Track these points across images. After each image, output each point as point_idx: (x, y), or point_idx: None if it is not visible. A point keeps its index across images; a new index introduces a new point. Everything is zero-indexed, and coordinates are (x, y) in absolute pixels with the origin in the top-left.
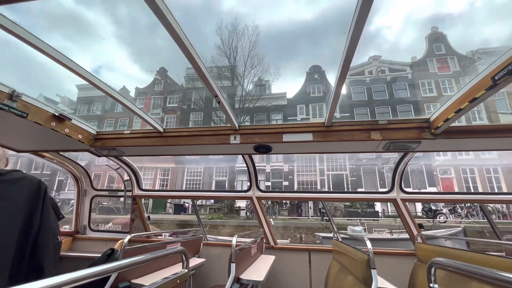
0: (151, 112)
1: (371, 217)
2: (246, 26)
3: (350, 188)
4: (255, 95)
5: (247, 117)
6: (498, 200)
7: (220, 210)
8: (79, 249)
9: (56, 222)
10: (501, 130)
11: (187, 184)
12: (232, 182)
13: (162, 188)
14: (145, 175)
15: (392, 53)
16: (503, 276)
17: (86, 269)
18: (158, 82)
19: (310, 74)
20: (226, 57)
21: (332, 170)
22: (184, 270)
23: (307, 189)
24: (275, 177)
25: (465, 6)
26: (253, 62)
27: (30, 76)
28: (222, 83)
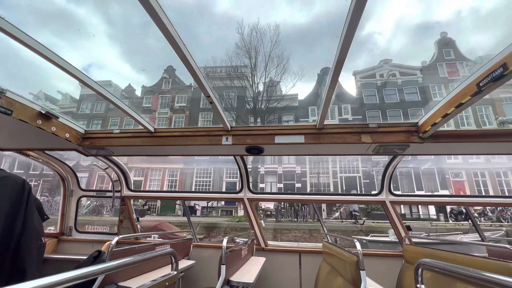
0: (158, 111)
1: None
2: (268, 25)
3: (364, 190)
4: (271, 96)
5: (258, 117)
6: (485, 202)
7: (232, 212)
8: (64, 251)
9: (40, 223)
10: (486, 135)
11: (196, 185)
12: None
13: (171, 189)
14: (152, 176)
15: (383, 57)
16: (486, 276)
17: (71, 271)
18: (166, 81)
19: (321, 76)
20: (247, 57)
21: (344, 172)
22: (173, 272)
23: (320, 191)
24: (288, 179)
25: (453, 15)
26: (273, 62)
27: (15, 72)
28: (233, 83)
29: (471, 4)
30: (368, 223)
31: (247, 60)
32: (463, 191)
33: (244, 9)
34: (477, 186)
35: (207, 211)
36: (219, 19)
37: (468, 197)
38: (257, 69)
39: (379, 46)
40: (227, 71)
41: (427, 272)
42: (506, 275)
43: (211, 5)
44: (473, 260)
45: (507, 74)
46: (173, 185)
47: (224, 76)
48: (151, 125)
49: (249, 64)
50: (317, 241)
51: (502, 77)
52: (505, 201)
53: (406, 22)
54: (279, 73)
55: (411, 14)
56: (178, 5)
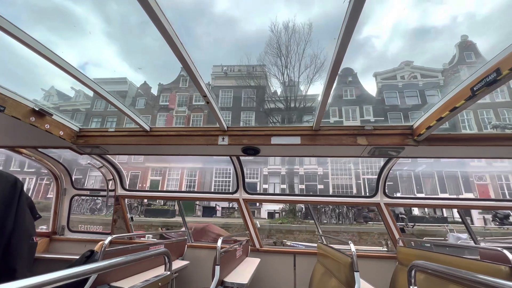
0: (176, 110)
1: (439, 223)
2: (303, 25)
3: (388, 193)
4: (297, 96)
5: (279, 117)
6: (481, 205)
7: (255, 213)
8: (56, 250)
9: (32, 222)
10: (479, 139)
11: (216, 186)
12: (263, 184)
13: (189, 189)
14: (170, 175)
15: (380, 61)
16: (478, 278)
17: (62, 271)
18: (184, 79)
19: (343, 77)
20: (278, 56)
21: (367, 174)
22: (167, 272)
23: (342, 193)
24: (309, 180)
25: (448, 20)
26: (306, 61)
27: (8, 68)
28: (248, 83)
29: (467, 10)
30: (417, 226)
31: (277, 59)
32: (487, 194)
33: (243, 10)
34: (501, 189)
35: (229, 212)
36: (217, 20)
37: (463, 200)
38: (290, 67)
39: (376, 49)
40: (247, 70)
41: (421, 274)
42: (497, 277)
43: (209, 6)
44: (465, 262)
45: (500, 79)
46: (192, 185)
47: (244, 75)
48: (147, 124)
49: (280, 63)
50: (369, 245)
51: (496, 82)
52: (500, 204)
53: (403, 26)
54: (312, 72)
55: (408, 19)
56: (177, 4)
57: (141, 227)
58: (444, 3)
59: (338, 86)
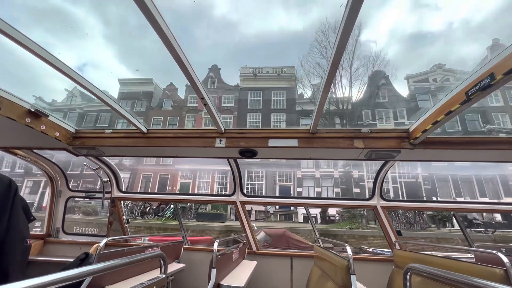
0: (204, 111)
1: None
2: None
3: (425, 197)
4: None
5: (309, 119)
6: (477, 209)
7: (292, 217)
8: (50, 253)
9: (25, 224)
10: (474, 143)
11: (248, 189)
12: (297, 188)
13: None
14: (201, 178)
15: (378, 64)
16: (473, 281)
17: (56, 273)
18: (212, 80)
19: (373, 78)
20: (324, 57)
21: (404, 177)
22: (162, 275)
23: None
24: (344, 184)
25: (445, 26)
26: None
27: (4, 68)
28: (279, 84)
29: (462, 16)
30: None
31: (322, 60)
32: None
33: (242, 14)
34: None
35: (265, 216)
36: (216, 23)
37: (458, 203)
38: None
39: (374, 54)
40: (276, 71)
41: (417, 277)
42: (492, 279)
43: (209, 9)
44: (461, 265)
45: (494, 84)
46: (224, 188)
47: (274, 76)
48: (144, 125)
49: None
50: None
51: (490, 86)
52: (495, 207)
53: (399, 31)
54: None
55: (404, 24)
56: (176, 8)
57: (203, 232)
58: (440, 9)
59: (371, 88)
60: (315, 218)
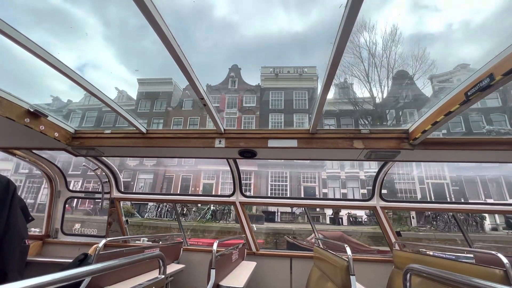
0: (226, 112)
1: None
2: (395, 27)
3: (454, 198)
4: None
5: (333, 120)
6: (474, 209)
7: (320, 219)
8: (49, 254)
9: (24, 225)
10: (474, 143)
11: (272, 190)
12: (322, 189)
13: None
14: (224, 179)
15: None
16: (472, 282)
17: (54, 274)
18: (233, 80)
19: (398, 79)
20: (360, 59)
21: (431, 178)
22: (161, 276)
23: (407, 198)
24: (371, 185)
25: (444, 27)
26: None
27: (3, 68)
28: (301, 84)
29: (462, 18)
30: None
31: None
32: None
33: (242, 15)
34: None
35: (292, 217)
36: (217, 24)
37: (458, 203)
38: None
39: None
40: (297, 71)
41: (417, 277)
42: (492, 280)
43: (209, 10)
44: (461, 266)
45: (493, 84)
46: (248, 189)
47: (296, 76)
48: (143, 126)
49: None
50: None
51: (489, 87)
52: (496, 208)
53: (398, 32)
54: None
55: (403, 25)
56: (176, 9)
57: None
58: (439, 11)
59: (394, 88)
60: (341, 219)
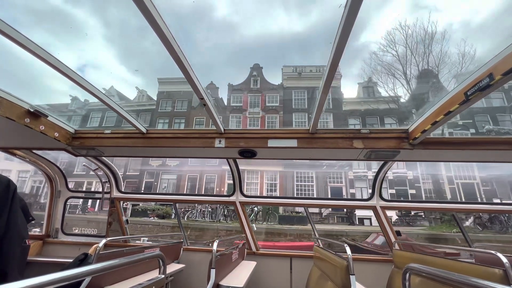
0: (249, 111)
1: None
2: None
3: (485, 198)
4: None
5: (358, 120)
6: (477, 209)
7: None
8: (49, 254)
9: (24, 225)
10: (474, 143)
11: (298, 190)
12: (349, 189)
13: (269, 194)
14: (249, 179)
15: (377, 66)
16: (471, 281)
17: (54, 274)
18: (255, 80)
19: (424, 78)
20: (392, 55)
21: (460, 178)
22: (161, 275)
23: (435, 198)
24: (399, 185)
25: (444, 27)
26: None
27: (3, 68)
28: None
29: (462, 18)
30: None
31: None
32: None
33: (242, 16)
34: None
35: (320, 218)
36: (217, 25)
37: (458, 203)
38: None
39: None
40: (317, 70)
41: (416, 277)
42: (491, 280)
43: (209, 11)
44: (461, 265)
45: (493, 84)
46: (273, 189)
47: (319, 75)
48: (143, 125)
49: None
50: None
51: (489, 87)
52: (495, 207)
53: (399, 32)
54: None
55: (404, 25)
56: (176, 9)
57: (280, 236)
58: (439, 11)
59: (420, 86)
60: (370, 220)
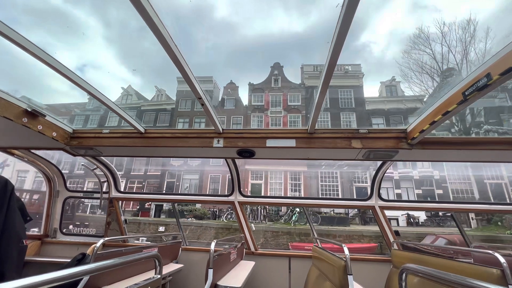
0: (270, 110)
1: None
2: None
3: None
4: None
5: (382, 119)
6: (477, 209)
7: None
8: (47, 254)
9: (22, 225)
10: (472, 143)
11: (322, 190)
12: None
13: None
14: (272, 179)
15: (377, 66)
16: (468, 282)
17: (50, 273)
18: (275, 79)
19: (445, 77)
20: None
21: (488, 178)
22: (157, 276)
23: (464, 199)
24: (425, 185)
25: (444, 28)
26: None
27: (2, 68)
28: (346, 82)
29: (461, 18)
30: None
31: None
32: None
33: (242, 16)
34: None
35: (350, 218)
36: (216, 25)
37: (458, 203)
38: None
39: (374, 55)
40: (339, 68)
41: (414, 277)
42: (489, 280)
43: (209, 12)
44: (459, 265)
45: (491, 84)
46: (297, 189)
47: (341, 74)
48: (141, 125)
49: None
50: None
51: (486, 87)
52: (495, 207)
53: (399, 32)
54: None
55: (404, 25)
56: (175, 10)
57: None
58: (439, 11)
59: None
60: (397, 220)
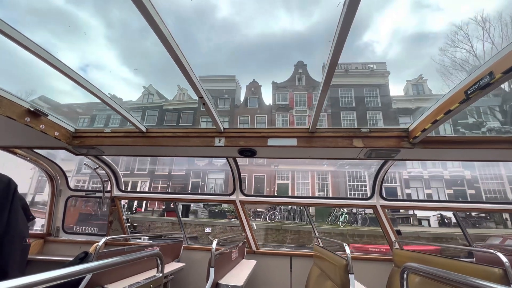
0: (295, 109)
1: None
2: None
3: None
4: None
5: (409, 118)
6: (477, 208)
7: (410, 220)
8: (50, 252)
9: (25, 224)
10: (474, 142)
11: (350, 190)
12: (404, 189)
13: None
14: (299, 179)
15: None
16: (469, 281)
17: (53, 271)
18: (299, 78)
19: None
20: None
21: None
22: (159, 274)
23: (496, 199)
24: (456, 185)
25: (447, 27)
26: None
27: (4, 68)
28: (371, 81)
29: (464, 17)
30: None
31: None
32: None
33: (243, 16)
34: None
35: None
36: (218, 25)
37: (458, 203)
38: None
39: (376, 54)
40: (363, 67)
41: (416, 276)
42: (491, 279)
43: (211, 12)
44: (460, 265)
45: (493, 83)
46: (325, 189)
47: (366, 72)
48: (143, 124)
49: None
50: None
51: (489, 85)
52: (495, 207)
53: (402, 32)
54: None
55: (406, 25)
56: (178, 10)
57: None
58: (441, 10)
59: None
60: (428, 221)
